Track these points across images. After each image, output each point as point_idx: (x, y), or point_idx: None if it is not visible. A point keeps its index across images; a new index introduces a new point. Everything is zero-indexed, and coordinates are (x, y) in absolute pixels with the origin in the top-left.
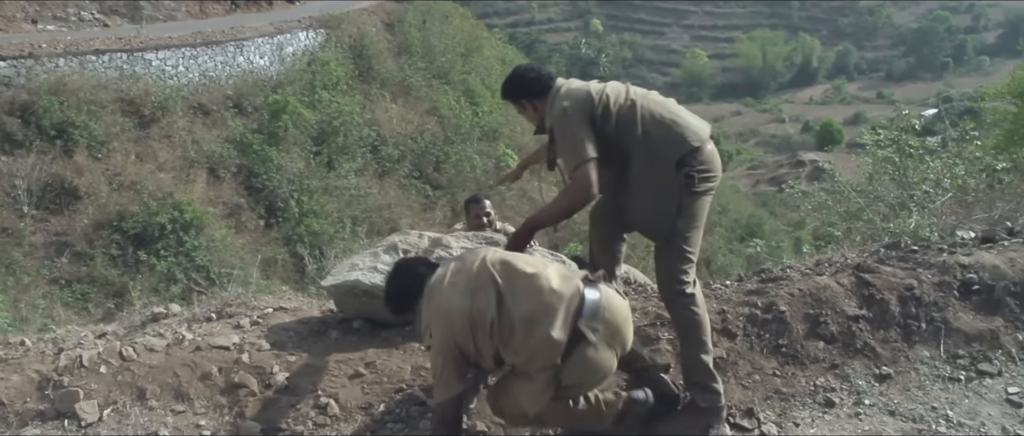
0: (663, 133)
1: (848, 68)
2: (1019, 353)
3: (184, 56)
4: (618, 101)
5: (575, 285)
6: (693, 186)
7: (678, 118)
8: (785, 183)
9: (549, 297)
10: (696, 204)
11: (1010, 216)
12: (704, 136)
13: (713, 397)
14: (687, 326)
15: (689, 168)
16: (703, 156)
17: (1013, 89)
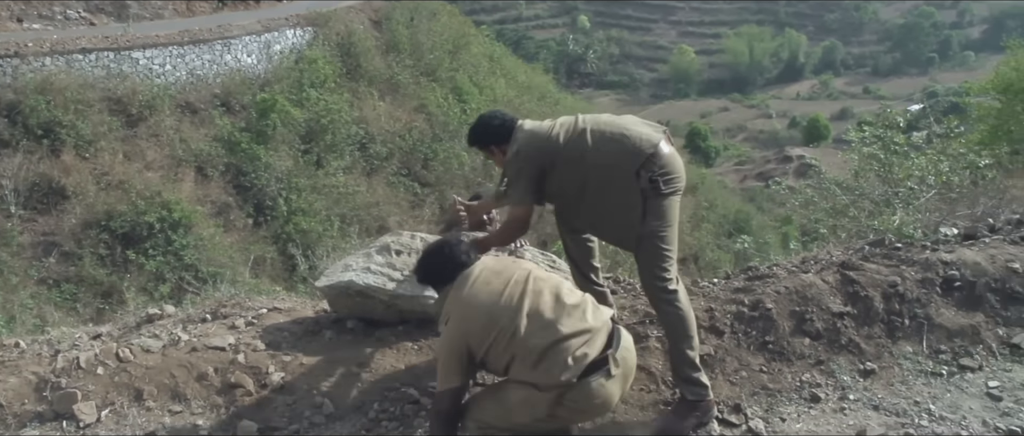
0: (616, 148)
1: (834, 64)
2: (999, 348)
3: (171, 55)
4: (569, 133)
5: (605, 319)
6: (658, 189)
7: (627, 131)
8: (772, 179)
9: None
10: (663, 205)
11: (992, 213)
12: (656, 141)
13: (701, 390)
14: (672, 323)
15: (650, 174)
16: (662, 160)
17: (997, 85)
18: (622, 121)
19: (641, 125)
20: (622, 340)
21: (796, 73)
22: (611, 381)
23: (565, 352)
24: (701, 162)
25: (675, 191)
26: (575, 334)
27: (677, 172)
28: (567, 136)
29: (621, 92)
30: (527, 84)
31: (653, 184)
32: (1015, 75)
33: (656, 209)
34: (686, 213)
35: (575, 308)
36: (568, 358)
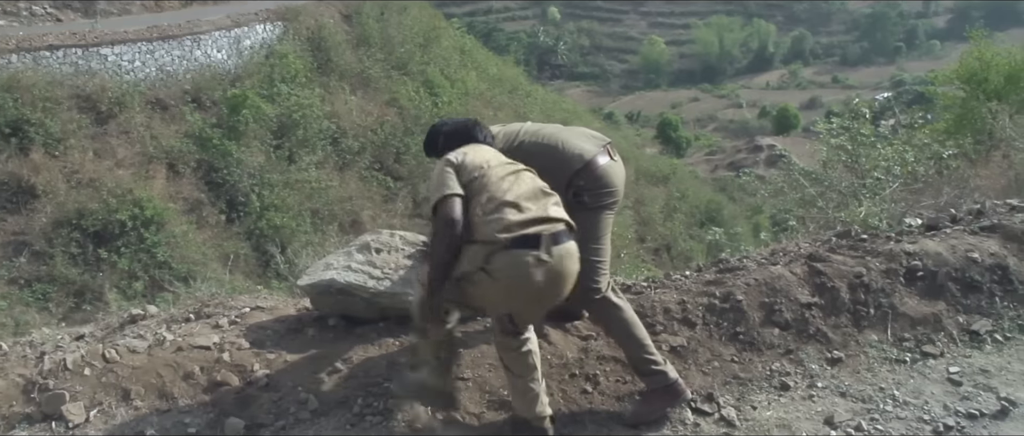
0: (547, 161)
1: (803, 53)
2: (960, 335)
3: (140, 51)
4: (508, 144)
5: (565, 219)
6: (583, 203)
7: (562, 144)
8: (743, 168)
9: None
10: (588, 218)
11: (954, 202)
12: (590, 155)
13: (660, 377)
14: (613, 327)
15: (575, 188)
16: (594, 173)
17: (961, 75)
18: (559, 134)
19: (579, 138)
20: (567, 243)
21: (765, 63)
22: (538, 265)
23: (514, 215)
24: (672, 152)
25: (603, 206)
26: (532, 212)
27: (610, 186)
28: (506, 146)
29: (592, 83)
30: (498, 77)
31: (577, 197)
32: (978, 65)
33: (581, 221)
34: (658, 204)
35: (548, 197)
36: (513, 221)
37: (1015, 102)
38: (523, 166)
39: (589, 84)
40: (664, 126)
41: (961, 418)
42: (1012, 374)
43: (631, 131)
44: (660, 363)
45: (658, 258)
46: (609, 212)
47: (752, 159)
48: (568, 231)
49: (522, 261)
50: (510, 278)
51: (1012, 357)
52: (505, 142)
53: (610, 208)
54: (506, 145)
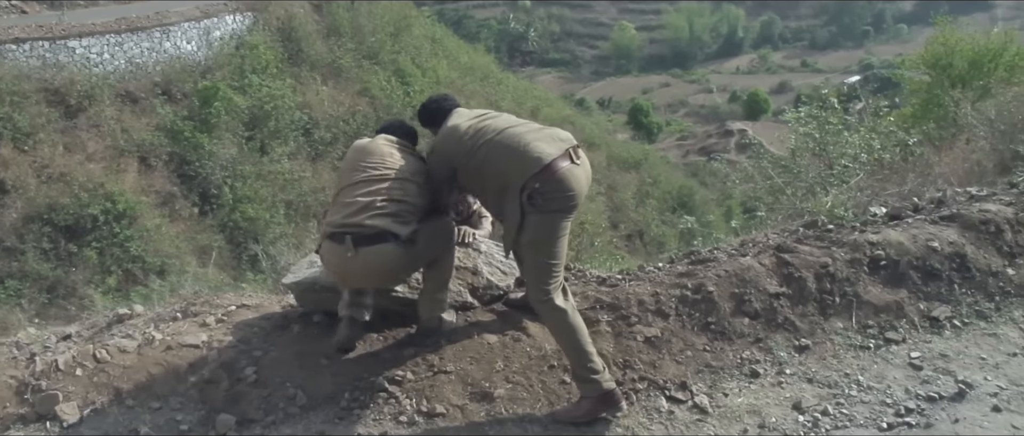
0: (506, 163)
1: (773, 38)
2: (921, 321)
3: (109, 43)
4: (475, 140)
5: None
6: (536, 205)
7: (524, 145)
8: (714, 154)
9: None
10: (540, 221)
11: (917, 191)
12: (549, 158)
13: (593, 386)
14: (557, 330)
15: (530, 190)
16: (551, 177)
17: (926, 60)
18: (524, 135)
19: (542, 140)
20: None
21: (735, 47)
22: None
23: (333, 214)
24: (644, 138)
25: (556, 210)
26: (344, 214)
27: (567, 191)
28: (473, 143)
29: (563, 70)
30: (469, 65)
31: (531, 200)
32: (943, 51)
33: (533, 223)
34: (630, 190)
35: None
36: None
37: (978, 88)
38: (384, 170)
39: (560, 71)
40: (635, 112)
41: (921, 401)
42: (969, 358)
43: (602, 117)
44: (598, 371)
45: (631, 244)
46: (564, 216)
47: (723, 144)
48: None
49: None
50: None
51: (969, 342)
52: (473, 141)
53: (565, 213)
54: (473, 145)
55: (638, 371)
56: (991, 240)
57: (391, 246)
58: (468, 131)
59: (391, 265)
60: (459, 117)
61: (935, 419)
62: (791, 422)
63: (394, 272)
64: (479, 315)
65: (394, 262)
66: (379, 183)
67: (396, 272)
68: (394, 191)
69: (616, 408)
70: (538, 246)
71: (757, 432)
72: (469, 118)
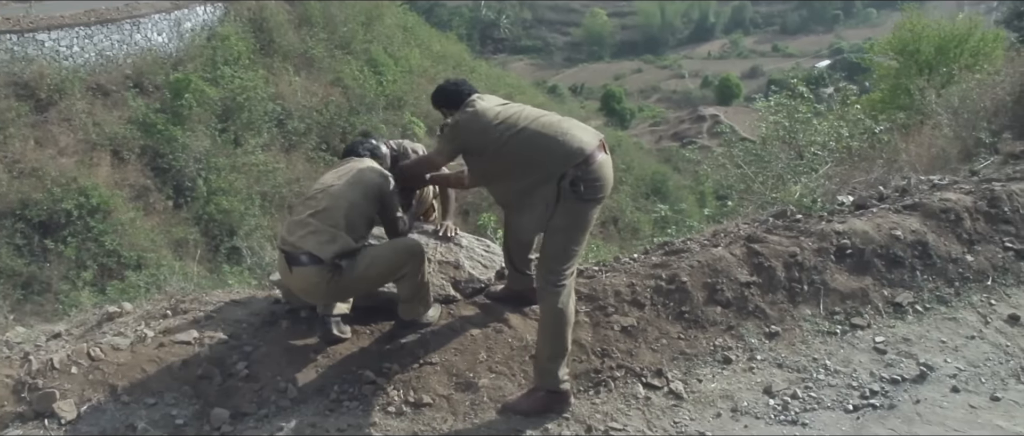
0: (547, 150)
1: (744, 22)
2: (885, 307)
3: (78, 36)
4: (507, 129)
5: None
6: (579, 193)
7: (563, 134)
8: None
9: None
10: (577, 209)
11: (883, 179)
12: (590, 149)
13: (553, 380)
14: (548, 315)
15: (572, 178)
16: (591, 167)
17: (894, 45)
18: (561, 124)
19: (579, 130)
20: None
21: (707, 33)
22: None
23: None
24: (617, 125)
25: (594, 199)
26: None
27: (603, 180)
28: (503, 130)
29: (535, 57)
30: (442, 53)
31: (574, 188)
32: (910, 36)
33: (570, 210)
34: None
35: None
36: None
37: (944, 75)
38: (327, 194)
39: (532, 57)
40: (608, 98)
41: (885, 383)
42: (930, 342)
43: (575, 104)
44: (561, 369)
45: (606, 230)
46: (597, 205)
47: (696, 129)
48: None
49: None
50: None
51: (931, 326)
52: (504, 126)
53: (599, 201)
54: (505, 130)
55: (615, 359)
56: (951, 228)
57: (315, 269)
58: (498, 117)
59: (321, 287)
60: (486, 102)
61: (898, 400)
62: (762, 406)
63: (328, 293)
64: (462, 308)
65: (323, 284)
66: (317, 206)
67: (332, 293)
68: (334, 213)
69: (564, 408)
70: (568, 232)
71: (730, 416)
72: (495, 105)
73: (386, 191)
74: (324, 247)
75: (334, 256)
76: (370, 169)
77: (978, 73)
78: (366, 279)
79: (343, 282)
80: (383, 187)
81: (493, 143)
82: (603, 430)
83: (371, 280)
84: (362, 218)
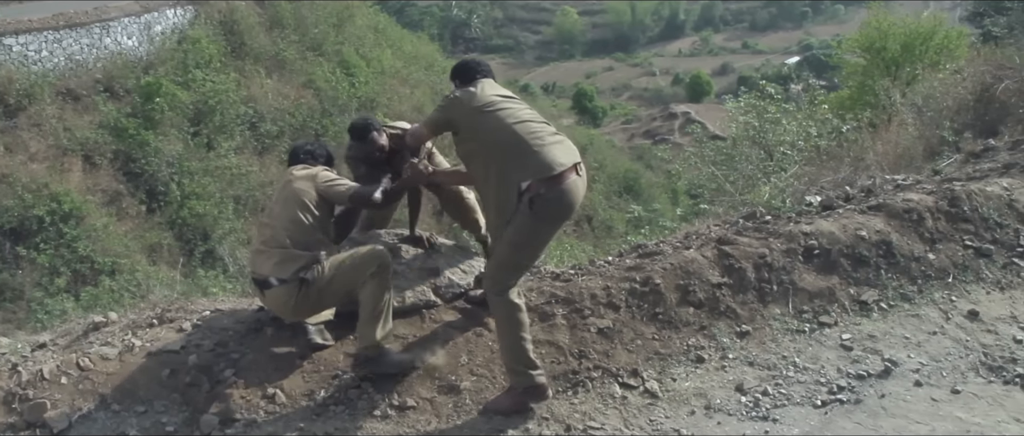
0: (516, 157)
1: (714, 20)
2: (851, 305)
3: (47, 40)
4: (496, 114)
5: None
6: (531, 209)
7: (539, 145)
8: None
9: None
10: (530, 226)
11: (850, 179)
12: (558, 170)
13: (522, 378)
14: (501, 322)
15: (532, 194)
16: (555, 187)
17: (861, 43)
18: (543, 134)
19: (558, 146)
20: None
21: (677, 30)
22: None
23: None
24: (589, 123)
25: (550, 219)
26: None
27: (565, 204)
28: (485, 115)
29: (507, 56)
30: (414, 54)
31: (531, 204)
32: (877, 34)
33: (522, 225)
34: None
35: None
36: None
37: (909, 73)
38: (274, 215)
39: (504, 56)
40: (580, 96)
41: (852, 379)
42: (895, 338)
43: (547, 102)
44: (531, 367)
45: (580, 230)
46: (555, 226)
47: (667, 127)
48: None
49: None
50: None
51: (895, 323)
52: (489, 114)
53: (558, 223)
54: (488, 118)
55: (592, 360)
56: (914, 227)
57: (283, 289)
58: (490, 105)
59: (293, 303)
60: (485, 86)
61: (864, 395)
62: (734, 403)
63: (302, 307)
64: (443, 313)
65: (293, 300)
66: (265, 233)
67: (306, 306)
68: (278, 235)
69: (542, 397)
70: (518, 246)
71: (704, 413)
72: (494, 91)
73: (319, 189)
74: (282, 268)
75: (294, 273)
76: (296, 179)
77: (941, 71)
78: (333, 286)
79: (313, 294)
80: (309, 190)
81: (473, 126)
82: (582, 429)
83: (339, 286)
84: (307, 229)
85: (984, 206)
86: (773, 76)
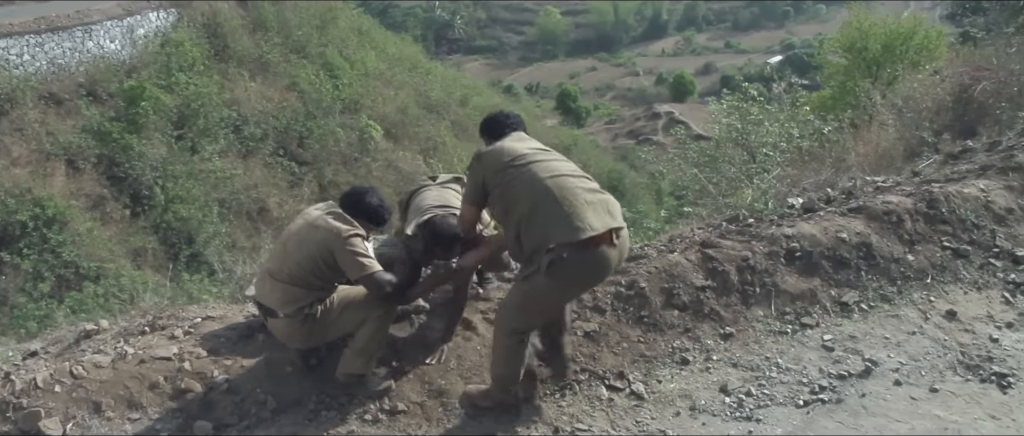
0: (549, 214)
1: (696, 20)
2: (832, 306)
3: (29, 44)
4: (525, 170)
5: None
6: (553, 274)
7: (571, 208)
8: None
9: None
10: (551, 287)
11: (832, 180)
12: (587, 235)
13: (500, 390)
14: (501, 353)
15: (554, 256)
16: (583, 255)
17: (843, 43)
18: (578, 191)
19: (594, 208)
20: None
21: (660, 30)
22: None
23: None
24: (573, 123)
25: (568, 283)
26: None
27: (590, 274)
28: (512, 172)
29: (490, 56)
30: (397, 56)
31: (552, 266)
32: (858, 34)
33: (538, 283)
34: None
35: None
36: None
37: (889, 74)
38: (289, 251)
39: (487, 57)
40: (563, 97)
41: (833, 379)
42: (875, 338)
43: (531, 103)
44: (513, 389)
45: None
46: (575, 290)
47: (651, 126)
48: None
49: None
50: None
51: (875, 323)
52: (519, 168)
53: (579, 288)
54: (518, 172)
55: (579, 363)
56: (893, 229)
57: (286, 321)
58: (516, 155)
59: (297, 334)
60: (513, 141)
61: (845, 394)
62: (719, 403)
63: (305, 338)
64: (432, 318)
65: (297, 332)
66: (272, 264)
67: (309, 337)
68: (280, 271)
69: (511, 414)
70: (532, 301)
71: (689, 414)
72: (526, 145)
73: (335, 249)
74: (283, 305)
75: (298, 310)
76: (322, 228)
77: (921, 72)
78: (341, 323)
79: (318, 328)
80: (330, 244)
81: (501, 183)
82: (569, 431)
83: (346, 322)
84: (311, 274)
85: (961, 208)
86: (756, 76)
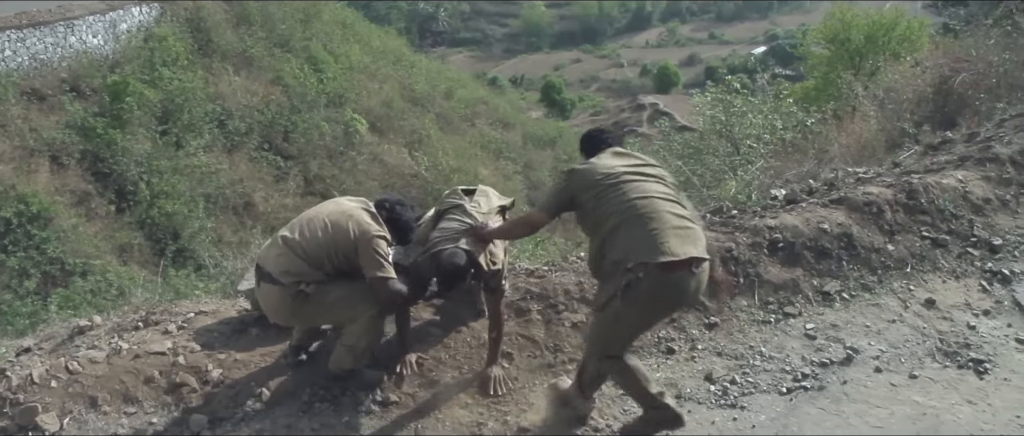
0: (628, 235)
1: (680, 11)
2: (814, 296)
3: (10, 39)
4: (618, 188)
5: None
6: (627, 296)
7: (657, 230)
8: (627, 127)
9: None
10: (622, 309)
11: (814, 172)
12: (669, 258)
13: (661, 411)
14: (614, 379)
15: (631, 276)
16: (662, 280)
17: (826, 34)
18: (661, 218)
19: (679, 235)
20: (263, 285)
21: (644, 21)
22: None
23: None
24: (557, 115)
25: (643, 307)
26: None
27: (670, 299)
28: (603, 188)
29: (474, 49)
30: (382, 49)
31: (627, 287)
32: (841, 25)
33: (618, 307)
34: (546, 168)
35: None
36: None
37: (873, 65)
38: (312, 230)
39: (471, 49)
40: (548, 89)
41: (815, 367)
42: (856, 327)
43: (515, 95)
44: (661, 402)
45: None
46: (651, 316)
47: (636, 118)
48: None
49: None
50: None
51: (856, 312)
52: (609, 185)
53: (655, 314)
54: (607, 189)
55: (567, 353)
56: (874, 220)
57: (278, 289)
58: (610, 171)
59: (285, 308)
60: (609, 156)
61: (827, 382)
62: (704, 391)
63: (291, 315)
64: (422, 311)
65: (286, 306)
66: (292, 232)
67: (296, 316)
68: (297, 245)
69: (675, 426)
70: (615, 328)
71: (674, 402)
72: (623, 162)
73: (360, 244)
74: (284, 273)
75: (294, 282)
76: (354, 219)
77: (903, 63)
78: (330, 312)
79: (308, 309)
80: (355, 236)
81: (593, 199)
82: None
83: (338, 312)
84: (326, 258)
85: (940, 198)
86: (739, 67)
